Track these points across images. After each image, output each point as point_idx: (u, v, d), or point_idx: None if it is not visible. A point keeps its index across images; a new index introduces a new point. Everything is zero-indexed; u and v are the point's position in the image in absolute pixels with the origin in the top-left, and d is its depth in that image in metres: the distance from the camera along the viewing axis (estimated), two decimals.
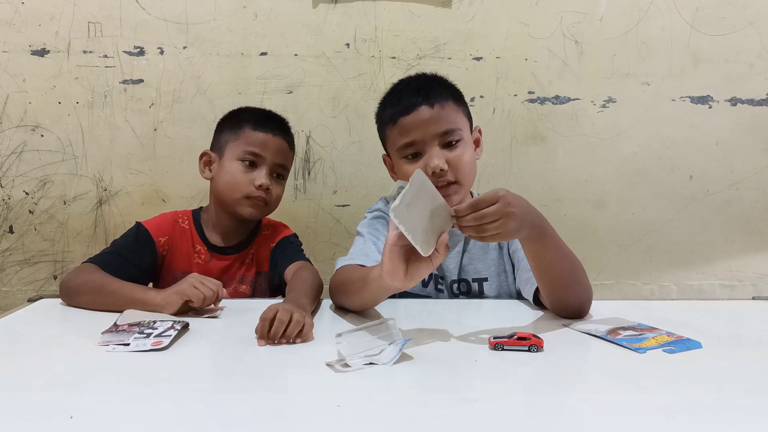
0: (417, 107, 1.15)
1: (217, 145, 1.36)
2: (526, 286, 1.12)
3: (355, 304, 1.07)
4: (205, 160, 1.36)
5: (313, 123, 1.67)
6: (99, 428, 0.61)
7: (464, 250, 1.26)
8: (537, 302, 1.09)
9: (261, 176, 1.30)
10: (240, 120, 1.34)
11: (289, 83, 1.65)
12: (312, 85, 1.66)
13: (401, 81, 1.26)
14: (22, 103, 1.63)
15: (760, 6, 1.65)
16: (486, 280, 1.24)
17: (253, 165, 1.31)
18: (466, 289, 1.25)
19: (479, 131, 1.25)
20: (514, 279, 1.23)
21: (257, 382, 0.75)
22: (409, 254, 0.85)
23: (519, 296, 1.21)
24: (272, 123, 1.35)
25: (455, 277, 1.25)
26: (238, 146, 1.31)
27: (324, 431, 0.60)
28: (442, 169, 1.12)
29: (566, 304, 1.02)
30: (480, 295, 1.24)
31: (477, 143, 1.23)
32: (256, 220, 1.37)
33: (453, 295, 1.26)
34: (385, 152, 1.28)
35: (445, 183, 1.14)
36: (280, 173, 1.35)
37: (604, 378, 0.77)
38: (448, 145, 1.15)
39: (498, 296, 1.24)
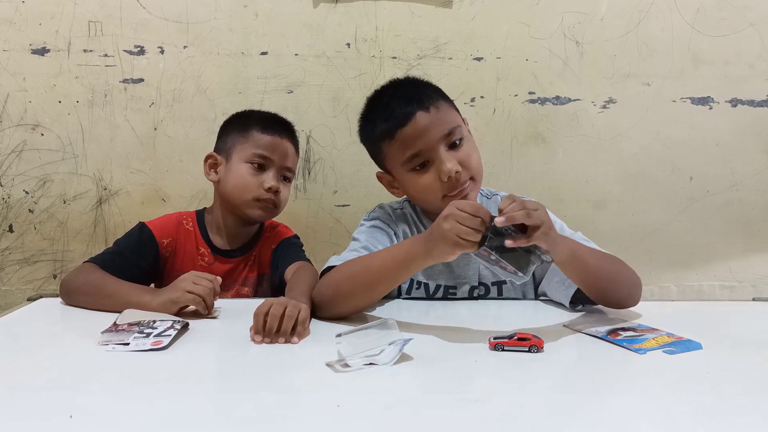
0: (413, 115, 1.09)
1: (223, 147, 1.34)
2: (560, 289, 1.09)
3: (369, 293, 1.02)
4: (211, 163, 1.35)
5: (314, 123, 1.66)
6: (99, 428, 0.61)
7: None
8: (576, 301, 1.07)
9: (270, 179, 1.29)
10: (247, 123, 1.34)
11: (290, 83, 1.65)
12: (312, 84, 1.65)
13: (382, 91, 1.19)
14: (22, 102, 1.62)
15: (761, 7, 1.65)
16: (505, 282, 1.19)
17: (261, 168, 1.30)
18: (484, 292, 1.20)
19: (465, 122, 1.19)
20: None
21: (257, 382, 0.75)
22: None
23: (536, 297, 1.21)
24: (280, 126, 1.35)
25: (475, 283, 1.20)
26: (247, 149, 1.30)
27: (324, 431, 0.60)
28: (457, 172, 1.08)
29: (615, 296, 1.03)
30: (499, 297, 1.20)
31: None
32: (263, 222, 1.37)
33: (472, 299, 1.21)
34: (380, 170, 1.22)
35: (463, 185, 1.10)
36: (287, 176, 1.35)
37: (604, 379, 0.78)
38: (453, 146, 1.11)
39: (517, 298, 1.20)
